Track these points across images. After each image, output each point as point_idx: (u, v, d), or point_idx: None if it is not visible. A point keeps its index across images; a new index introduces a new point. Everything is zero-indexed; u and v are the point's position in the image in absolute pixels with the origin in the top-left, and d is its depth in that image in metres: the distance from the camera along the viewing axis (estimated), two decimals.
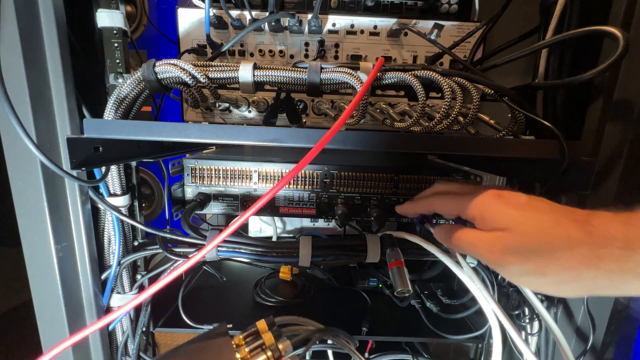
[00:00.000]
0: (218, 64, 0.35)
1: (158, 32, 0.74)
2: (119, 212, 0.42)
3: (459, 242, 0.30)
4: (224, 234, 0.31)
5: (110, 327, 0.47)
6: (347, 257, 0.43)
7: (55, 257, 0.39)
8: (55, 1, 0.34)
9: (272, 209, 0.51)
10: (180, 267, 0.31)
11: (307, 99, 0.50)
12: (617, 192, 0.35)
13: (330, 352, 0.53)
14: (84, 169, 0.35)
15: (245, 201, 0.50)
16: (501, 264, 0.26)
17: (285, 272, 0.67)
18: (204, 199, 0.48)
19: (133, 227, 0.46)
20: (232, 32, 0.47)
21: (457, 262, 0.40)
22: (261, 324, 0.38)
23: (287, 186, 0.49)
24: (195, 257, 0.32)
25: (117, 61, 0.41)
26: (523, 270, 0.24)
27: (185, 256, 0.43)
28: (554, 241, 0.23)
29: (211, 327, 0.40)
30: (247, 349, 0.35)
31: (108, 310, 0.47)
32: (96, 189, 0.41)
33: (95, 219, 0.43)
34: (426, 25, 0.46)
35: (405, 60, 0.49)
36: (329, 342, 0.44)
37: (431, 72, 0.34)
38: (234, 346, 0.36)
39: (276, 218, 0.75)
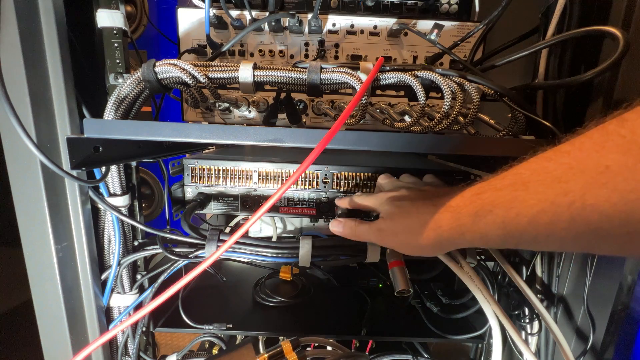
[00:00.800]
0: (218, 64, 0.35)
1: (158, 32, 0.74)
2: (119, 212, 0.42)
3: (354, 233, 0.38)
4: (238, 234, 0.31)
5: (110, 327, 0.47)
6: (347, 257, 0.43)
7: (55, 257, 0.39)
8: (55, 1, 0.34)
9: (272, 208, 0.51)
10: (201, 265, 0.32)
11: (307, 99, 0.50)
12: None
13: None
14: (84, 169, 0.35)
15: (245, 201, 0.50)
16: (384, 242, 0.36)
17: (285, 272, 0.67)
18: (204, 199, 0.48)
19: (133, 227, 0.46)
20: (232, 32, 0.47)
21: (457, 262, 0.40)
22: (286, 345, 0.39)
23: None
24: (215, 254, 0.33)
25: (117, 61, 0.41)
26: (399, 243, 0.34)
27: (185, 256, 0.43)
28: (411, 221, 0.32)
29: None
30: None
31: (108, 310, 0.47)
32: (96, 189, 0.41)
33: (95, 219, 0.43)
34: (426, 25, 0.46)
35: (405, 60, 0.49)
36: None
37: (431, 72, 0.34)
38: None
39: (276, 218, 0.75)
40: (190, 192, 0.50)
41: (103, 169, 0.40)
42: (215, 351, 0.57)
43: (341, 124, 0.29)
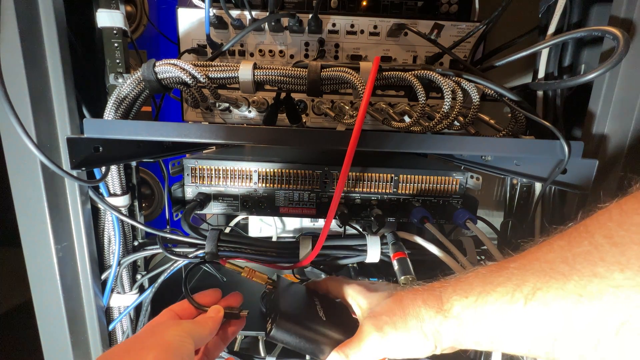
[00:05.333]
0: (218, 63, 0.35)
1: (158, 32, 0.74)
2: (119, 212, 0.42)
3: None
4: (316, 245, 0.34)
5: (110, 327, 0.47)
6: (347, 257, 0.43)
7: (55, 257, 0.39)
8: (55, 1, 0.34)
9: (272, 209, 0.51)
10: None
11: (307, 99, 0.50)
12: (617, 192, 0.35)
13: None
14: (84, 169, 0.35)
15: (245, 201, 0.50)
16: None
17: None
18: (204, 199, 0.48)
19: (133, 227, 0.46)
20: (232, 32, 0.47)
21: (458, 262, 0.40)
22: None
23: (287, 186, 0.49)
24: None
25: (117, 61, 0.41)
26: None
27: (185, 256, 0.43)
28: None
29: None
30: None
31: (108, 310, 0.47)
32: (96, 189, 0.41)
33: (95, 219, 0.43)
34: (426, 25, 0.46)
35: (405, 60, 0.49)
36: None
37: (431, 72, 0.34)
38: None
39: (276, 218, 0.74)
40: (190, 192, 0.50)
41: (103, 169, 0.40)
42: None
43: (360, 124, 0.30)
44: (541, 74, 0.40)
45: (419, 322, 0.28)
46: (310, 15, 0.44)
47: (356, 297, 0.34)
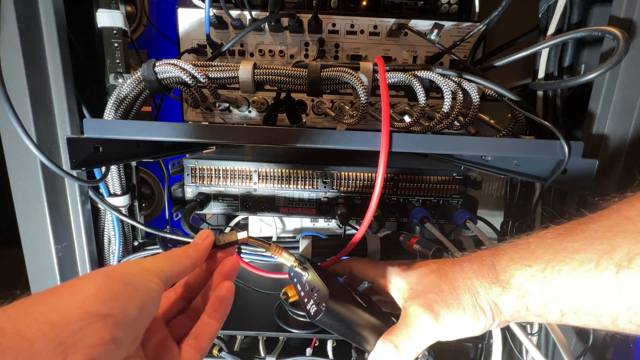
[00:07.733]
0: (218, 63, 0.35)
1: (158, 32, 0.74)
2: (119, 212, 0.42)
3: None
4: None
5: None
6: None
7: (55, 257, 0.39)
8: (55, 1, 0.34)
9: (272, 209, 0.51)
10: None
11: (307, 99, 0.50)
12: (617, 192, 0.35)
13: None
14: (84, 169, 0.35)
15: (245, 201, 0.50)
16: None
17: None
18: (203, 199, 0.48)
19: (133, 227, 0.46)
20: (232, 32, 0.47)
21: None
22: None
23: (287, 186, 0.49)
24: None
25: (117, 61, 0.41)
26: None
27: None
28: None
29: None
30: None
31: None
32: (96, 189, 0.41)
33: (95, 219, 0.43)
34: (426, 25, 0.46)
35: (405, 60, 0.49)
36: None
37: (431, 72, 0.34)
38: None
39: (276, 218, 0.74)
40: (190, 192, 0.50)
41: (103, 169, 0.40)
42: (215, 351, 0.57)
43: (387, 126, 0.31)
44: (541, 74, 0.40)
45: (473, 297, 0.25)
46: (310, 15, 0.44)
47: (391, 278, 0.30)
